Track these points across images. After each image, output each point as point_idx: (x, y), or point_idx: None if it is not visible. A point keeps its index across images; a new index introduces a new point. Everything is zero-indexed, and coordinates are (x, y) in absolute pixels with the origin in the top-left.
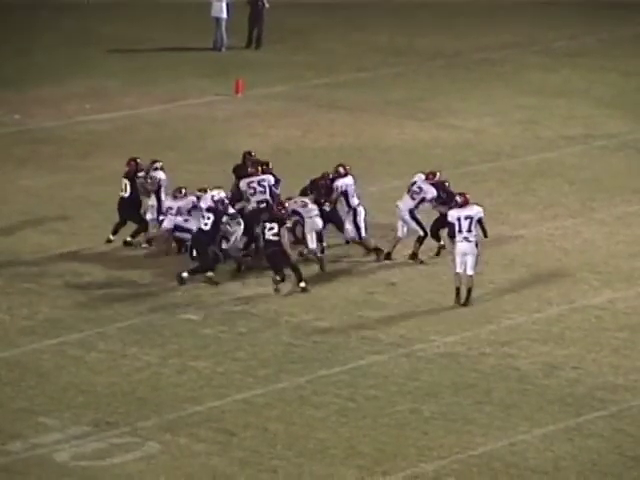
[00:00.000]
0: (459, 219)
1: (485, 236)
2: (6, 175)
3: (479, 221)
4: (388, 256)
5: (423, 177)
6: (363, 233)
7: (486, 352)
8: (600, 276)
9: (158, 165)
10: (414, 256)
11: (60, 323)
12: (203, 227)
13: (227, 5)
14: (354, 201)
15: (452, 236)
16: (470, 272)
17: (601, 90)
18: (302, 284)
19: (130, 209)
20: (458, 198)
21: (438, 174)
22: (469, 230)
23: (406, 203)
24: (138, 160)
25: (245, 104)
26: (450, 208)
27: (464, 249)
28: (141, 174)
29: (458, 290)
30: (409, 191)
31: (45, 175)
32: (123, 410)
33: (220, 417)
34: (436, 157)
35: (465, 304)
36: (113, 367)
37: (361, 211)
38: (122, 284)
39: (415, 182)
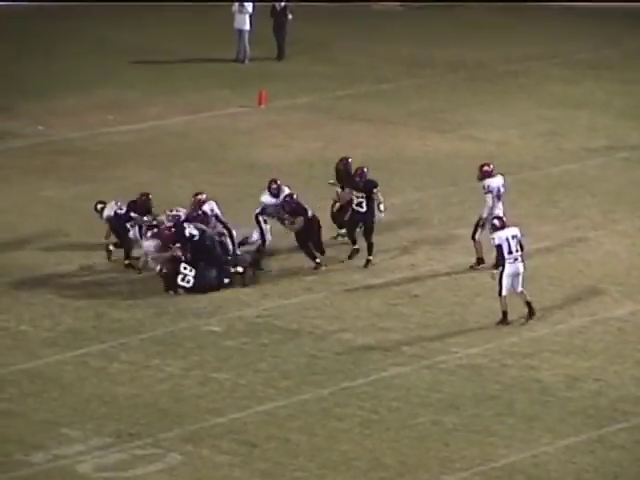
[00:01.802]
0: (507, 240)
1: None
2: (28, 186)
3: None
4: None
5: None
6: None
7: (508, 364)
8: (622, 288)
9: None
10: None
11: (82, 334)
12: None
13: (250, 17)
14: None
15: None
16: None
17: (623, 102)
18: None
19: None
20: (496, 222)
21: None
22: (517, 250)
23: None
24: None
25: (268, 115)
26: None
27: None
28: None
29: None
30: None
31: (67, 186)
32: (145, 421)
33: (242, 429)
34: (458, 168)
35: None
36: (135, 378)
37: None
38: (145, 295)
39: None
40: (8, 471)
